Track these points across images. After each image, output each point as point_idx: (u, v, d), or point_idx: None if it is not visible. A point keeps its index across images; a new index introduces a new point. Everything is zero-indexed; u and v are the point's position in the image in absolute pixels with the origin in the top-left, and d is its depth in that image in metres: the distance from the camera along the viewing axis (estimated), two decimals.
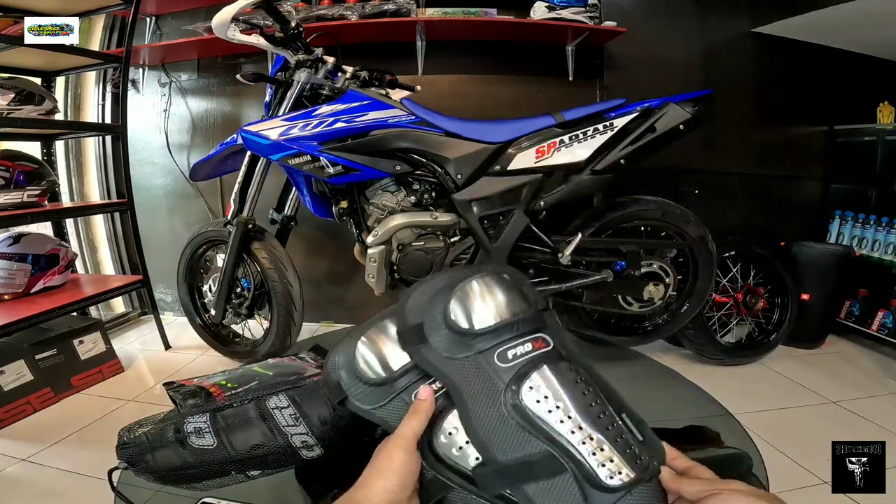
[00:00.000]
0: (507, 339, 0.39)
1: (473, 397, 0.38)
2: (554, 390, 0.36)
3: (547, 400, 0.36)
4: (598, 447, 0.34)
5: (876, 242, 2.11)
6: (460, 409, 0.38)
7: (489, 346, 0.39)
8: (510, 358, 0.38)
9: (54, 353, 1.67)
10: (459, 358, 0.40)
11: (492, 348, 0.39)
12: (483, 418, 0.37)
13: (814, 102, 2.27)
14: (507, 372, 0.38)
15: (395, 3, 1.88)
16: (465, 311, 0.41)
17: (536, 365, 0.38)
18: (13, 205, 1.67)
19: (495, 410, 0.37)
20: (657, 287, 1.55)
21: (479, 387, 0.38)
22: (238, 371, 0.71)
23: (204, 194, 2.33)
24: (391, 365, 0.42)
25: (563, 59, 2.07)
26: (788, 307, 1.93)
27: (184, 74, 2.30)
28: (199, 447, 0.49)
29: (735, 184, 2.26)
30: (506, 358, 0.38)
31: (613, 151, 1.41)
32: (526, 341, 0.39)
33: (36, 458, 1.32)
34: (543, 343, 0.40)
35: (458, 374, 0.39)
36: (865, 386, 1.73)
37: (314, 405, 0.52)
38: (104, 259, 2.50)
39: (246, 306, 1.72)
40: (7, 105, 1.65)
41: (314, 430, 0.51)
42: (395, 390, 0.41)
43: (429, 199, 1.48)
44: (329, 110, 1.42)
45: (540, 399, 0.36)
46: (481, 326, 0.40)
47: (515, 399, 0.36)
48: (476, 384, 0.38)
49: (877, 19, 1.80)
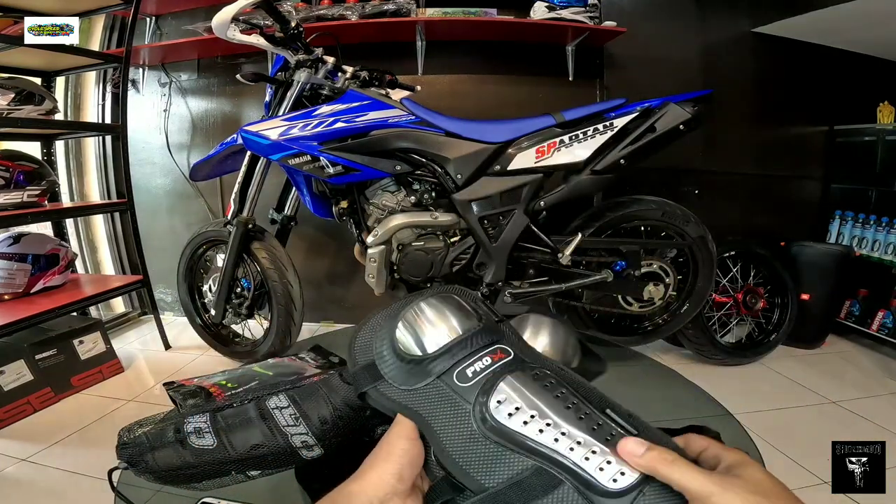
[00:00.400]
0: (464, 357, 0.37)
1: (442, 426, 0.35)
2: (525, 399, 0.34)
3: (519, 411, 0.33)
4: (589, 450, 0.30)
5: (876, 242, 2.11)
6: (432, 441, 0.35)
7: (447, 368, 0.36)
8: (470, 375, 0.36)
9: (54, 353, 1.67)
10: (419, 388, 0.37)
11: (450, 369, 0.36)
12: (458, 445, 0.34)
13: (814, 102, 2.27)
14: (470, 391, 0.35)
15: (395, 3, 1.88)
16: (413, 336, 0.39)
17: (500, 376, 0.35)
18: (13, 205, 1.67)
19: (468, 434, 0.34)
20: (657, 287, 1.55)
21: (446, 412, 0.35)
22: (238, 371, 0.71)
23: (204, 194, 2.33)
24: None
25: (563, 59, 2.07)
26: (788, 307, 1.93)
27: (184, 74, 2.30)
28: (199, 447, 0.49)
29: (735, 184, 2.26)
30: (465, 376, 0.36)
31: (613, 151, 1.41)
32: (484, 355, 0.37)
33: (36, 458, 1.32)
34: (503, 353, 0.37)
35: (422, 404, 0.36)
36: (865, 386, 1.73)
37: (314, 405, 0.52)
38: (104, 259, 2.50)
39: (246, 306, 1.72)
40: (7, 105, 1.65)
41: (314, 430, 0.51)
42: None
43: (429, 199, 1.47)
44: (329, 110, 1.42)
45: (511, 412, 0.33)
46: (433, 349, 0.38)
47: (485, 416, 0.33)
48: (442, 411, 0.35)
49: (877, 19, 1.80)
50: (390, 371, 0.39)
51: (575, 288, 1.52)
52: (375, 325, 0.44)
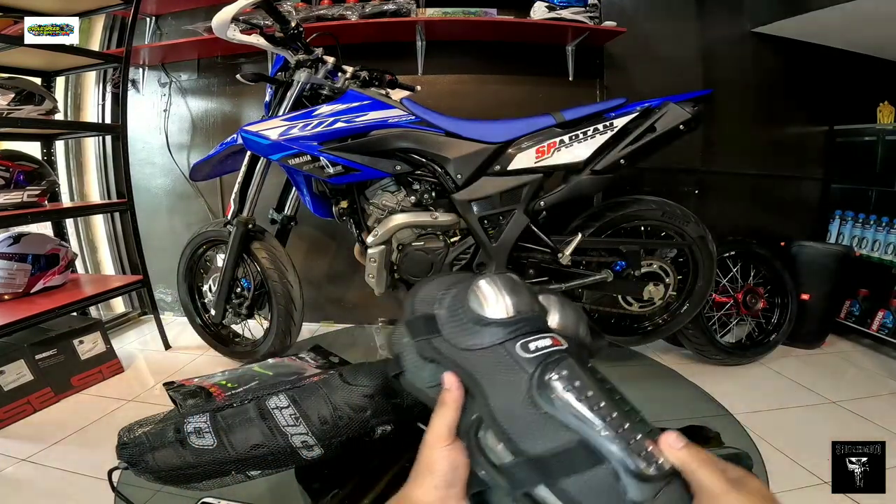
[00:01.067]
0: (531, 332, 0.38)
1: (494, 388, 0.36)
2: (583, 380, 0.35)
3: (576, 388, 0.34)
4: (633, 437, 0.32)
5: (876, 242, 2.11)
6: (478, 402, 0.36)
7: (512, 336, 0.37)
8: (532, 349, 0.36)
9: (54, 353, 1.67)
10: (476, 350, 0.38)
11: (515, 338, 0.37)
12: (506, 409, 0.35)
13: (814, 102, 2.27)
14: (530, 363, 0.36)
15: (395, 3, 1.88)
16: (486, 301, 0.39)
17: (562, 357, 0.36)
18: (13, 205, 1.67)
19: (519, 400, 0.35)
20: (657, 287, 1.55)
21: (501, 377, 0.36)
22: (238, 371, 0.71)
23: (204, 194, 2.33)
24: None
25: (563, 58, 2.07)
26: (788, 307, 1.93)
27: (184, 74, 2.30)
28: (199, 447, 0.49)
29: (735, 184, 2.26)
30: (528, 349, 0.37)
31: (613, 151, 1.41)
32: (546, 337, 0.38)
33: (36, 458, 1.32)
34: (560, 342, 0.38)
35: (476, 366, 0.38)
36: (865, 386, 1.73)
37: (314, 405, 0.52)
38: (104, 259, 2.50)
39: (246, 306, 1.72)
40: (7, 105, 1.65)
41: (314, 430, 0.51)
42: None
43: (429, 199, 1.47)
44: (329, 110, 1.42)
45: (569, 388, 0.34)
46: (502, 316, 0.38)
47: (544, 386, 0.34)
48: (496, 374, 0.36)
49: (876, 19, 1.80)
50: (452, 328, 0.40)
51: (575, 288, 1.52)
52: (442, 283, 0.44)
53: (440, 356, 0.39)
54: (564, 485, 0.32)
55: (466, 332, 0.39)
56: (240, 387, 0.64)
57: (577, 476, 0.32)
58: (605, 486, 0.31)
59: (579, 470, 0.32)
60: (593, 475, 0.31)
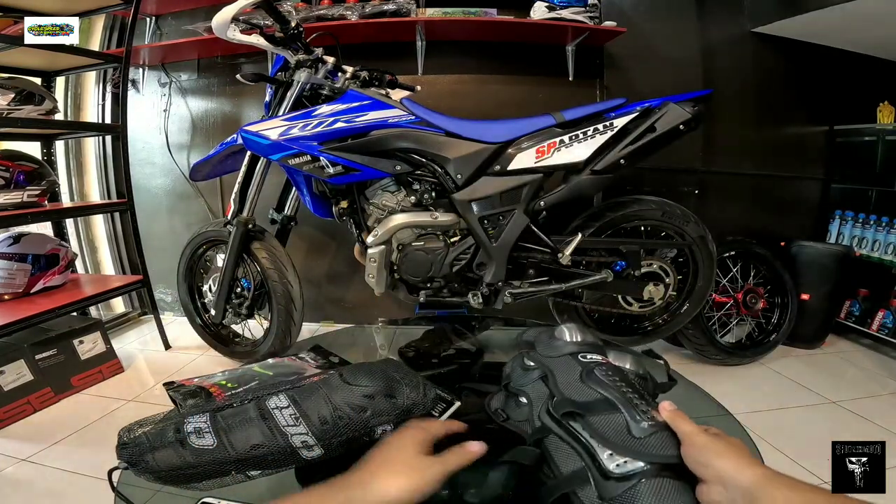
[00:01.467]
0: (586, 351, 0.61)
1: (561, 374, 0.58)
2: (614, 370, 0.57)
3: (609, 375, 0.55)
4: (643, 403, 0.50)
5: (876, 242, 2.11)
6: (551, 382, 0.57)
7: (576, 351, 0.61)
8: (587, 359, 0.59)
9: (54, 353, 1.67)
10: (554, 357, 0.62)
11: (577, 353, 0.61)
12: (566, 384, 0.56)
13: (814, 102, 2.27)
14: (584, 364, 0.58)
15: (395, 3, 1.88)
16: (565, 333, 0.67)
17: (603, 362, 0.59)
18: (13, 205, 1.67)
19: (574, 379, 0.56)
20: (657, 287, 1.55)
21: (565, 369, 0.58)
22: (238, 371, 0.71)
23: (204, 194, 2.33)
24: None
25: (563, 59, 2.07)
26: (788, 307, 1.93)
27: (184, 74, 2.30)
28: (199, 447, 0.49)
29: (735, 184, 2.26)
30: (585, 357, 0.60)
31: (613, 151, 1.41)
32: (596, 354, 0.61)
33: (36, 458, 1.32)
34: (607, 360, 0.60)
35: (553, 364, 0.60)
36: (865, 386, 1.73)
37: (314, 405, 0.52)
38: (104, 259, 2.50)
39: (246, 306, 1.72)
40: (7, 105, 1.65)
41: (314, 429, 0.51)
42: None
43: (429, 199, 1.47)
44: (329, 110, 1.42)
45: (604, 372, 0.56)
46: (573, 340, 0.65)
47: (591, 370, 0.56)
48: (564, 368, 0.59)
49: (876, 19, 1.80)
50: (542, 346, 0.66)
51: (575, 288, 1.52)
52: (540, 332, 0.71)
53: (536, 359, 0.63)
54: (591, 420, 0.49)
55: (551, 347, 0.64)
56: (240, 387, 0.63)
57: (598, 415, 0.50)
58: (617, 425, 0.48)
59: (600, 412, 0.50)
60: (611, 417, 0.49)
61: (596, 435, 0.48)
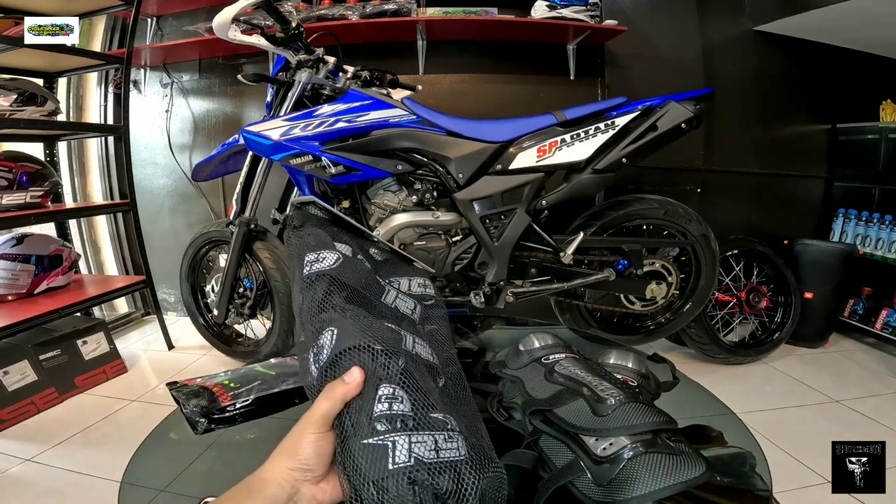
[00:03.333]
0: (549, 353, 0.68)
1: (529, 380, 0.63)
2: (574, 362, 0.63)
3: (567, 368, 0.62)
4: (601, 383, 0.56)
5: (879, 240, 2.11)
6: (520, 388, 0.63)
7: (541, 356, 0.67)
8: (549, 360, 0.66)
9: (58, 353, 1.68)
10: (523, 366, 0.67)
11: (542, 357, 0.67)
12: (533, 385, 0.62)
13: (816, 101, 2.26)
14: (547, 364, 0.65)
15: (395, 2, 1.88)
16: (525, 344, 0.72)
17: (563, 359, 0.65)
18: (16, 206, 1.68)
19: (540, 380, 0.62)
20: (660, 286, 1.55)
21: (532, 374, 0.64)
22: (241, 371, 0.71)
23: (206, 195, 2.34)
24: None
25: (564, 57, 2.07)
26: (792, 306, 1.93)
27: (185, 75, 2.31)
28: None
29: (737, 182, 2.26)
30: (547, 360, 0.66)
31: (615, 150, 1.41)
32: (559, 353, 0.67)
33: (40, 458, 1.33)
34: (573, 354, 0.67)
35: (521, 372, 0.66)
36: (869, 385, 1.72)
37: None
38: (107, 259, 2.51)
39: (248, 306, 1.72)
40: (9, 106, 1.66)
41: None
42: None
43: (430, 199, 1.47)
44: (330, 110, 1.42)
45: (563, 367, 0.62)
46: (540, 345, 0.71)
47: (553, 370, 0.62)
48: (531, 374, 0.65)
49: (879, 17, 1.79)
50: (511, 361, 0.71)
51: (577, 287, 1.52)
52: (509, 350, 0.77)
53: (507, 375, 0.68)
54: (558, 412, 0.54)
55: (517, 360, 0.69)
56: (242, 386, 0.64)
57: (563, 406, 0.54)
58: (580, 409, 0.52)
59: (564, 402, 0.55)
60: (574, 405, 0.53)
61: (567, 424, 0.51)
